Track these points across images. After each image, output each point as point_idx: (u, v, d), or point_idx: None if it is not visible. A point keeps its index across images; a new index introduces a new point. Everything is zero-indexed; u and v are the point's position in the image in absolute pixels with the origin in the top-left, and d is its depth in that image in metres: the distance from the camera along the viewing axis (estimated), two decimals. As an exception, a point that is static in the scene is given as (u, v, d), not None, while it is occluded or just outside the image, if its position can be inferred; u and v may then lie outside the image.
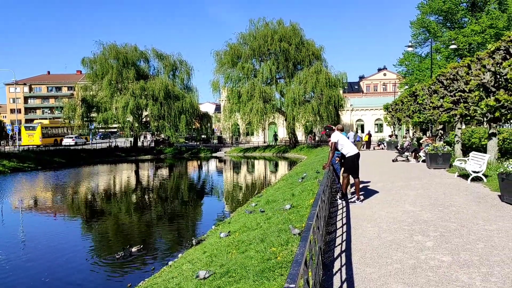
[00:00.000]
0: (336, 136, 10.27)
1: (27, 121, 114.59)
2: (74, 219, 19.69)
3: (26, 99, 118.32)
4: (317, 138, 62.43)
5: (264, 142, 66.24)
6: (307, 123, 55.46)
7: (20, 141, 57.28)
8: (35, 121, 66.10)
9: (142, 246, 12.77)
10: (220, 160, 56.48)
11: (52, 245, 14.11)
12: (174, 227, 16.78)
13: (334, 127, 10.80)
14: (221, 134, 71.83)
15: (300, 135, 62.80)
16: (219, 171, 43.79)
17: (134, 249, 12.38)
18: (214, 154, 61.42)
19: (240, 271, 6.33)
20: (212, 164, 52.20)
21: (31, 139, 57.32)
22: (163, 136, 65.82)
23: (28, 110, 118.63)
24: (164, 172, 43.96)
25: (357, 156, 10.16)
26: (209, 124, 65.79)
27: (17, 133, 58.11)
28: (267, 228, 8.96)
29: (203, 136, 69.37)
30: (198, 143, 71.35)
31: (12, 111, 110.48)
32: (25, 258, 12.57)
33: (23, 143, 57.05)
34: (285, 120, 55.12)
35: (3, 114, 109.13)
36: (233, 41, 56.57)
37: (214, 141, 73.60)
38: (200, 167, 49.25)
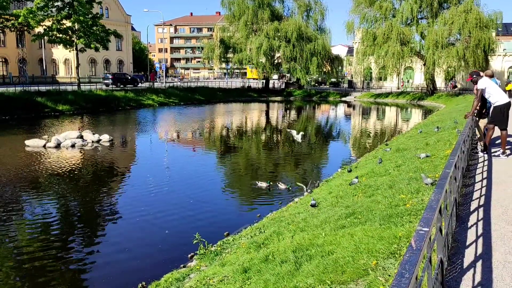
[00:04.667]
0: (483, 83, 9.23)
1: (172, 60, 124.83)
2: (210, 152, 21.48)
3: (171, 39, 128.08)
4: (458, 86, 56.82)
5: (398, 88, 62.49)
6: (449, 69, 50.52)
7: (165, 78, 63.14)
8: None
9: (271, 182, 13.35)
10: (349, 105, 55.27)
11: (191, 175, 15.67)
12: (300, 166, 17.26)
13: (481, 73, 9.71)
14: (351, 78, 69.66)
15: (440, 82, 57.71)
16: (348, 116, 43.05)
17: (266, 184, 12.99)
18: (343, 99, 60.27)
19: (366, 213, 6.34)
20: (341, 109, 51.42)
21: (254, 74, 74.63)
22: (293, 79, 66.35)
23: (173, 49, 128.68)
24: (292, 113, 44.76)
25: (507, 105, 9.07)
26: (340, 68, 64.09)
27: (164, 71, 63.97)
28: (397, 176, 8.70)
29: (333, 80, 68.12)
30: (327, 86, 70.47)
31: (160, 50, 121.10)
32: (169, 183, 14.27)
33: (248, 77, 78.15)
34: (424, 65, 50.91)
35: (153, 53, 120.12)
36: (372, -22, 52.79)
37: (344, 85, 71.87)
38: (328, 110, 48.95)
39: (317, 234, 6.03)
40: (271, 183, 13.09)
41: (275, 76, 72.98)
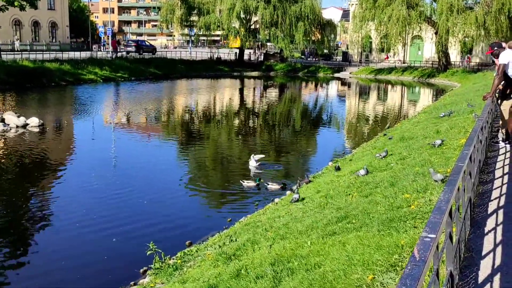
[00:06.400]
0: (506, 56, 9.41)
1: (120, 23, 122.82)
2: (169, 141, 21.35)
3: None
4: (477, 60, 57.92)
5: (404, 62, 63.31)
6: (466, 39, 51.36)
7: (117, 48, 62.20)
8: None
9: (261, 179, 13.25)
10: (344, 82, 55.75)
11: (145, 170, 15.52)
12: (282, 159, 17.34)
13: (504, 44, 9.89)
14: (347, 49, 70.24)
15: (454, 55, 58.71)
16: (341, 97, 43.43)
17: (255, 183, 12.93)
18: (336, 75, 60.70)
19: (361, 217, 6.43)
20: (333, 87, 51.85)
21: (235, 43, 71.31)
22: (274, 49, 66.27)
23: (121, 10, 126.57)
24: (273, 93, 44.87)
25: (534, 85, 9.29)
26: (332, 36, 64.29)
27: (109, 37, 62.70)
28: (400, 170, 8.84)
29: (324, 51, 68.34)
30: (317, 59, 70.67)
31: (104, 10, 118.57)
32: (116, 179, 14.13)
33: (230, 46, 74.93)
34: (435, 33, 51.61)
35: (95, 14, 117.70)
36: None
37: (338, 57, 72.32)
38: (317, 89, 49.17)
39: (301, 243, 6.08)
40: (261, 180, 13.07)
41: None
